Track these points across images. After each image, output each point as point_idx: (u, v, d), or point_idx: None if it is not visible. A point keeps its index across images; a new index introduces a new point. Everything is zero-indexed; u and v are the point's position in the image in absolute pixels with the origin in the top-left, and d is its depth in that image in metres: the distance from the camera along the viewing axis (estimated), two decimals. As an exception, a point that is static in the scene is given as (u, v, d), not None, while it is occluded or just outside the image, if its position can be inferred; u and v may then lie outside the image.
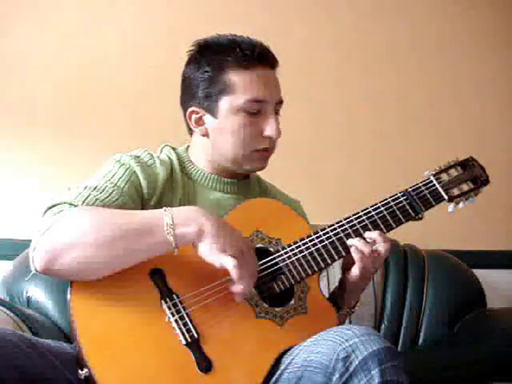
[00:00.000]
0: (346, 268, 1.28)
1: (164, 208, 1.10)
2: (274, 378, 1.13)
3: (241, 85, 1.25)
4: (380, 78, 2.36)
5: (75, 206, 1.13)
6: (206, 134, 1.31)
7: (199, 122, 1.31)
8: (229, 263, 1.07)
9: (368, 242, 1.24)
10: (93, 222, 1.08)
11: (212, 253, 1.09)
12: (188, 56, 1.34)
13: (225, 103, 1.27)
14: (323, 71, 2.34)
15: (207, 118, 1.30)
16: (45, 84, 2.20)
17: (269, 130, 1.28)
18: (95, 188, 1.18)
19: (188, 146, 1.39)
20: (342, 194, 2.21)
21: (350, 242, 1.24)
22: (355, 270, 1.23)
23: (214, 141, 1.31)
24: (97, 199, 1.15)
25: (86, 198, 1.15)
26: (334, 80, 2.34)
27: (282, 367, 1.13)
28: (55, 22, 2.24)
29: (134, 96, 2.23)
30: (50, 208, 1.13)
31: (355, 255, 1.22)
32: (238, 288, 1.10)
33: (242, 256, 1.10)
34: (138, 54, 2.26)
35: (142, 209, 1.22)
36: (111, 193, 1.18)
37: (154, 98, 2.20)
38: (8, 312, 1.53)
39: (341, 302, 1.30)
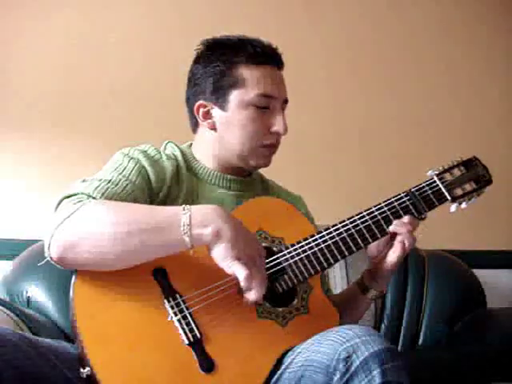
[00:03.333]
0: (376, 255, 1.28)
1: (183, 206, 1.09)
2: (274, 378, 1.13)
3: (252, 80, 1.28)
4: (386, 78, 2.37)
5: (93, 198, 1.13)
6: (213, 128, 1.32)
7: (207, 115, 1.32)
8: (241, 274, 1.06)
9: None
10: (112, 216, 1.08)
11: (225, 259, 1.07)
12: (196, 53, 1.36)
13: (235, 97, 1.29)
14: (329, 71, 2.35)
15: (215, 111, 1.31)
16: (45, 83, 2.20)
17: (277, 125, 1.30)
18: (110, 181, 1.19)
19: (191, 144, 1.40)
20: (344, 194, 2.21)
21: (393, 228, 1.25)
22: (392, 258, 1.25)
23: (221, 134, 1.32)
24: (114, 193, 1.16)
25: (105, 191, 1.15)
26: (341, 80, 2.35)
27: (283, 367, 1.13)
28: (55, 21, 2.24)
29: (134, 95, 2.23)
30: (68, 197, 1.13)
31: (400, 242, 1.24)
32: (247, 298, 1.09)
33: (254, 265, 1.09)
34: (138, 53, 2.26)
35: (151, 203, 1.23)
36: (125, 186, 1.19)
37: (154, 98, 2.20)
38: (8, 312, 1.53)
39: (373, 284, 1.31)
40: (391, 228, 1.25)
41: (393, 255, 1.25)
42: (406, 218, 1.25)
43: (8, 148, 2.17)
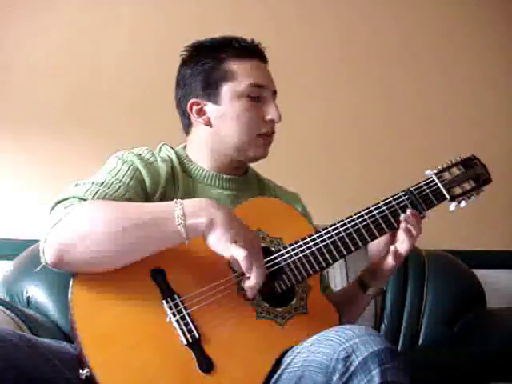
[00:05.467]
0: (376, 254, 1.29)
1: (175, 200, 1.10)
2: (274, 378, 1.13)
3: (241, 71, 1.31)
4: (384, 76, 2.37)
5: (85, 200, 1.13)
6: (208, 124, 1.33)
7: (201, 112, 1.33)
8: (239, 253, 1.06)
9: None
10: (104, 214, 1.08)
11: (222, 243, 1.08)
12: (182, 58, 1.38)
13: (227, 90, 1.30)
14: (326, 69, 2.35)
15: (209, 106, 1.32)
16: (45, 84, 2.20)
17: (271, 113, 1.32)
18: (102, 184, 1.19)
19: (185, 146, 1.40)
20: (342, 194, 2.21)
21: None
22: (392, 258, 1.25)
23: (217, 129, 1.33)
24: (106, 194, 1.16)
25: (96, 192, 1.15)
26: (339, 78, 2.35)
27: (283, 367, 1.13)
28: (56, 22, 2.24)
29: (134, 96, 2.23)
30: (60, 202, 1.13)
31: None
32: (249, 281, 1.09)
33: (252, 248, 1.09)
34: (138, 54, 2.26)
35: None
36: (118, 188, 1.19)
37: (154, 99, 2.20)
38: (8, 312, 1.53)
39: (372, 283, 1.31)
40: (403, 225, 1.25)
41: (401, 247, 1.25)
42: (409, 211, 1.25)
43: (8, 148, 2.18)
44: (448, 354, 1.78)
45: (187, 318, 1.11)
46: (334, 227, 1.24)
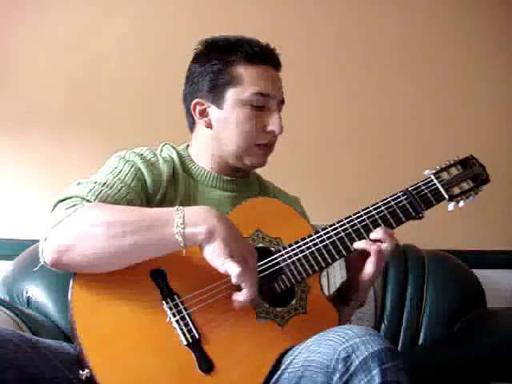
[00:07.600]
0: (353, 267, 1.27)
1: (176, 207, 1.10)
2: (274, 378, 1.13)
3: (248, 78, 1.29)
4: (382, 77, 2.37)
5: (87, 200, 1.13)
6: (209, 126, 1.33)
7: (203, 113, 1.33)
8: (233, 270, 1.05)
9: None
10: (105, 218, 1.08)
11: (219, 257, 1.07)
12: (194, 53, 1.36)
13: (231, 94, 1.29)
14: (323, 71, 2.35)
15: (212, 109, 1.32)
16: (45, 84, 2.20)
17: (272, 124, 1.30)
18: (105, 184, 1.19)
19: (188, 145, 1.40)
20: (341, 194, 2.21)
21: (359, 245, 1.23)
22: (369, 269, 1.23)
23: (217, 132, 1.32)
24: (108, 195, 1.16)
25: (99, 193, 1.15)
26: (336, 79, 2.35)
27: (283, 367, 1.13)
28: (55, 21, 2.24)
29: (135, 96, 2.23)
30: (62, 201, 1.13)
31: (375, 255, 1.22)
32: (238, 296, 1.10)
33: (246, 266, 1.09)
34: (138, 53, 2.26)
35: (148, 205, 1.23)
36: (120, 189, 1.19)
37: (154, 98, 2.20)
38: (8, 312, 1.53)
39: (353, 296, 1.29)
40: (371, 236, 1.23)
41: (371, 266, 1.23)
42: (378, 229, 1.24)
43: (8, 148, 2.18)
44: (448, 354, 1.78)
45: (187, 318, 1.11)
46: (333, 227, 1.24)
